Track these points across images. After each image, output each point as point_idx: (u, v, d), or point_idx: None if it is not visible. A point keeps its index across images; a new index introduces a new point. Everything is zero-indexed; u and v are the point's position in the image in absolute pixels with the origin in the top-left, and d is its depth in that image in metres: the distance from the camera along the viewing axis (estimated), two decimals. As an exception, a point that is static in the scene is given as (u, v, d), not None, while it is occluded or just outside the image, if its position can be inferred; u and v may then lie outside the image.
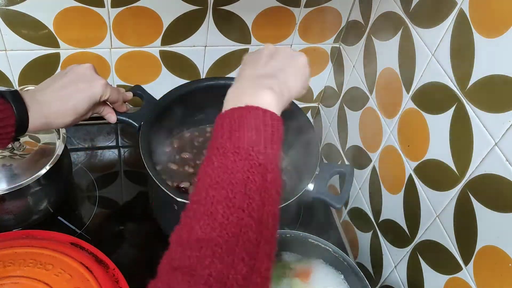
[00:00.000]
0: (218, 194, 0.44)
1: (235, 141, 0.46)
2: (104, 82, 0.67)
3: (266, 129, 0.48)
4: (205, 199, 0.44)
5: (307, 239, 0.73)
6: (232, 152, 0.46)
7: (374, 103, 0.86)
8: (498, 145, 0.56)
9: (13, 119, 0.58)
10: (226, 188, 0.44)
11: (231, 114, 0.49)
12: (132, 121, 0.75)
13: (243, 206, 0.43)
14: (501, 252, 0.56)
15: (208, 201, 0.44)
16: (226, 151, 0.46)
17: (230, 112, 0.49)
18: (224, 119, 0.49)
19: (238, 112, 0.48)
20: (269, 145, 0.47)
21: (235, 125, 0.47)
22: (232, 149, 0.46)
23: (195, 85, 0.84)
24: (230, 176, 0.44)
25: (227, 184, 0.44)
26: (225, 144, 0.46)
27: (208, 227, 0.42)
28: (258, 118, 0.48)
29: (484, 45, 0.58)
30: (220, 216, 0.42)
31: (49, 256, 0.65)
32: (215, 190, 0.44)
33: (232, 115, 0.48)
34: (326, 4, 0.91)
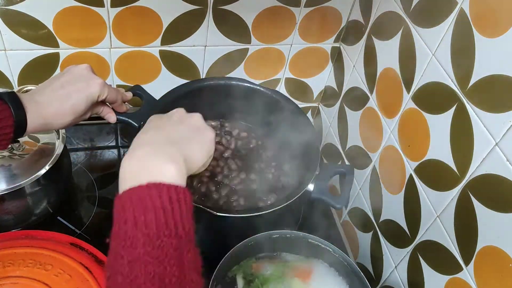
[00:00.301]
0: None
1: (142, 227, 0.42)
2: (101, 82, 0.67)
3: (173, 206, 0.43)
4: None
5: (307, 239, 0.73)
6: (142, 242, 0.41)
7: (374, 103, 0.86)
8: (499, 145, 0.56)
9: (11, 120, 0.58)
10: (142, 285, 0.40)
11: (131, 195, 0.44)
12: (132, 121, 0.75)
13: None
14: (502, 252, 0.56)
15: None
16: (135, 242, 0.41)
17: (130, 194, 0.44)
18: (125, 202, 0.43)
19: (140, 192, 0.43)
20: (180, 223, 0.43)
21: (138, 209, 0.42)
22: (141, 239, 0.41)
23: (195, 85, 0.83)
24: (144, 270, 0.40)
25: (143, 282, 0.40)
26: (132, 233, 0.42)
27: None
28: (162, 196, 0.43)
29: (484, 45, 0.58)
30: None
31: (49, 256, 0.65)
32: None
33: (133, 197, 0.43)
34: (326, 4, 0.91)
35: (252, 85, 0.84)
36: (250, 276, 0.72)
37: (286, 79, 1.04)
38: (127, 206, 0.43)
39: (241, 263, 0.73)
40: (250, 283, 0.71)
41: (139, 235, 0.42)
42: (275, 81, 1.04)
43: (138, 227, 0.42)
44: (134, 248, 0.41)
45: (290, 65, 1.01)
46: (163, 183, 0.44)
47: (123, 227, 0.43)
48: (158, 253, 0.41)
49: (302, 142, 0.80)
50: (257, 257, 0.74)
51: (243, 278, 0.71)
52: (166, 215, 0.43)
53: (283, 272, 0.73)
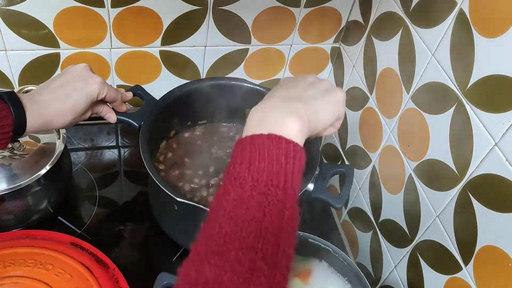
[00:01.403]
0: (231, 231, 0.41)
1: (254, 172, 0.44)
2: (100, 80, 0.67)
3: (288, 161, 0.45)
4: (218, 235, 0.42)
5: (307, 239, 0.73)
6: (250, 185, 0.43)
7: (374, 103, 0.86)
8: (498, 145, 0.56)
9: (11, 119, 0.58)
10: (240, 225, 0.41)
11: (252, 141, 0.46)
12: (132, 121, 0.75)
13: (256, 247, 0.41)
14: (501, 252, 0.56)
15: (221, 237, 0.41)
16: (244, 183, 0.44)
17: (251, 139, 0.46)
18: (245, 146, 0.46)
19: (260, 140, 0.46)
20: (290, 179, 0.45)
21: (255, 154, 0.45)
22: (251, 181, 0.43)
23: (195, 85, 0.83)
24: (245, 211, 0.42)
25: (242, 221, 0.42)
26: (243, 174, 0.44)
27: (218, 268, 0.39)
28: (280, 149, 0.45)
29: (484, 45, 0.58)
30: (232, 258, 0.40)
31: (49, 256, 0.65)
32: (228, 226, 0.42)
33: (253, 143, 0.46)
34: (326, 4, 0.91)
35: (252, 85, 0.84)
36: (250, 276, 0.72)
37: (286, 79, 1.04)
38: (245, 149, 0.45)
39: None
40: (250, 282, 0.71)
41: (249, 178, 0.44)
42: (275, 81, 1.04)
43: (250, 170, 0.44)
44: (242, 188, 0.43)
45: (290, 65, 1.01)
46: (283, 137, 0.46)
47: (237, 167, 0.45)
48: (262, 199, 0.43)
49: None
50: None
51: (243, 277, 0.71)
52: (278, 167, 0.45)
53: (283, 272, 0.73)
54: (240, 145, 0.47)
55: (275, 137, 0.46)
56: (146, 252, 0.82)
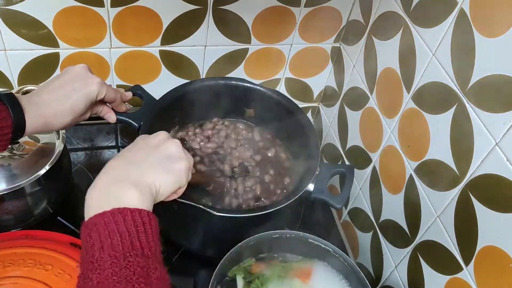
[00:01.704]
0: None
1: (109, 250, 0.43)
2: (99, 80, 0.67)
3: (138, 229, 0.45)
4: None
5: (307, 239, 0.73)
6: (110, 263, 0.42)
7: (374, 103, 0.86)
8: (499, 145, 0.56)
9: (10, 121, 0.58)
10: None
11: (97, 221, 0.45)
12: (132, 121, 0.75)
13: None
14: (502, 252, 0.56)
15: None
16: (102, 263, 0.43)
17: (96, 220, 0.45)
18: (92, 229, 0.45)
19: (105, 218, 0.45)
20: (146, 245, 0.45)
21: (104, 233, 0.44)
22: (109, 259, 0.43)
23: (195, 85, 0.83)
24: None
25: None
26: (99, 256, 0.43)
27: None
28: (127, 220, 0.45)
29: (484, 45, 0.58)
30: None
31: (49, 256, 0.65)
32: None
33: (99, 223, 0.45)
34: (326, 4, 0.91)
35: (252, 85, 0.84)
36: (250, 276, 0.72)
37: (286, 79, 1.04)
38: (93, 231, 0.45)
39: (241, 263, 0.72)
40: (250, 283, 0.71)
41: (106, 257, 0.43)
42: (275, 81, 1.04)
43: (104, 249, 0.43)
44: (102, 270, 0.43)
45: (290, 65, 1.01)
46: (127, 208, 0.46)
47: (90, 251, 0.44)
48: (126, 273, 0.42)
49: (302, 142, 0.80)
50: (257, 257, 0.74)
51: (243, 278, 0.71)
52: (132, 237, 0.44)
53: (283, 272, 0.73)
54: (86, 229, 0.46)
55: (119, 210, 0.46)
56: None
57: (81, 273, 0.44)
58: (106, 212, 0.46)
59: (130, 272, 0.42)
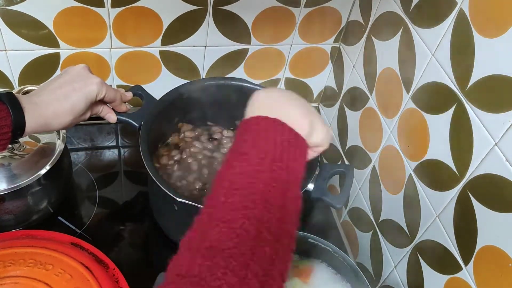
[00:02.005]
0: (238, 201, 0.41)
1: (260, 150, 0.44)
2: (99, 80, 0.67)
3: (290, 147, 0.45)
4: (223, 205, 0.41)
5: (307, 239, 0.73)
6: (256, 162, 0.43)
7: (374, 103, 0.86)
8: (498, 145, 0.56)
9: (9, 120, 0.58)
10: (246, 196, 0.41)
11: (257, 122, 0.46)
12: (132, 121, 0.75)
13: (263, 219, 0.40)
14: (501, 252, 0.56)
15: (226, 207, 0.41)
16: (250, 158, 0.43)
17: (257, 120, 0.46)
18: (250, 126, 0.46)
19: (266, 122, 0.46)
20: (292, 164, 0.45)
21: (261, 135, 0.45)
22: (256, 158, 0.43)
23: (195, 85, 0.83)
24: (251, 184, 0.42)
25: (248, 193, 0.41)
26: (249, 151, 0.44)
27: (224, 235, 0.39)
28: (284, 135, 0.45)
29: (484, 45, 0.58)
30: (238, 226, 0.39)
31: (49, 256, 0.65)
32: (234, 197, 0.41)
33: (258, 123, 0.46)
34: (326, 4, 0.91)
35: (252, 85, 0.84)
36: (250, 276, 0.72)
37: (286, 79, 1.04)
38: (251, 130, 0.45)
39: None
40: (250, 282, 0.71)
41: (254, 155, 0.44)
42: (275, 81, 1.04)
43: (255, 149, 0.44)
44: (247, 164, 0.43)
45: (290, 65, 1.01)
46: (287, 125, 0.46)
47: (242, 144, 0.45)
48: (266, 176, 0.42)
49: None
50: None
51: (243, 278, 0.71)
52: (283, 150, 0.44)
53: (283, 271, 0.73)
54: (245, 124, 0.47)
55: (283, 124, 0.46)
56: (146, 252, 0.83)
57: (227, 159, 0.45)
58: (271, 119, 0.46)
59: (272, 177, 0.43)
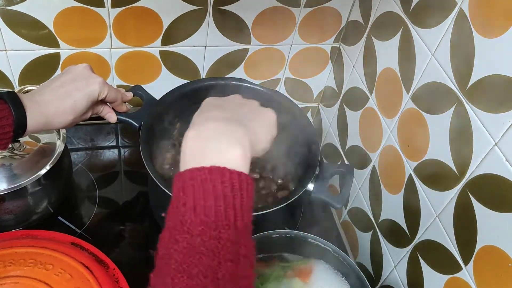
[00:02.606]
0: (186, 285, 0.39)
1: (201, 214, 0.40)
2: (101, 80, 0.67)
3: (235, 194, 0.42)
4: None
5: (307, 239, 0.73)
6: (200, 230, 0.40)
7: (374, 103, 0.86)
8: (498, 145, 0.56)
9: (11, 119, 0.58)
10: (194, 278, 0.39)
11: (193, 176, 0.42)
12: (132, 121, 0.75)
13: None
14: (501, 252, 0.57)
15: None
16: (192, 228, 0.40)
17: (192, 175, 0.42)
18: (185, 183, 0.42)
19: (202, 175, 0.42)
20: (240, 215, 0.42)
21: (199, 192, 0.41)
22: (199, 225, 0.40)
23: (195, 85, 0.84)
24: (198, 261, 0.39)
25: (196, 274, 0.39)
26: (190, 218, 0.41)
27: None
28: (224, 183, 0.41)
29: (484, 45, 0.58)
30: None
31: (49, 256, 0.65)
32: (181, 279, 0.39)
33: (194, 178, 0.42)
34: (326, 4, 0.91)
35: (252, 85, 0.84)
36: (250, 276, 0.72)
37: (286, 79, 1.04)
38: (187, 187, 0.42)
39: (241, 263, 0.73)
40: (250, 282, 0.71)
41: (197, 221, 0.40)
42: (275, 81, 1.04)
43: (196, 212, 0.41)
44: (191, 236, 0.40)
45: (290, 65, 1.01)
46: (226, 169, 0.42)
47: (181, 209, 0.41)
48: (214, 245, 0.40)
49: (302, 142, 0.81)
50: (257, 257, 0.74)
51: (243, 277, 0.71)
52: (226, 203, 0.41)
53: (283, 272, 0.73)
54: (181, 181, 0.43)
55: (218, 170, 0.42)
56: (146, 252, 0.83)
57: (168, 227, 0.42)
58: (205, 168, 0.42)
59: (219, 245, 0.40)
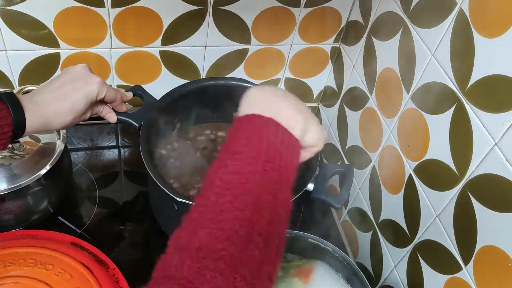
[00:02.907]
0: (229, 202, 0.40)
1: (252, 150, 0.44)
2: (99, 80, 0.67)
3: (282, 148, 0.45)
4: (214, 205, 0.41)
5: (307, 239, 0.73)
6: (248, 161, 0.43)
7: (374, 103, 0.86)
8: (498, 145, 0.56)
9: (10, 119, 0.58)
10: (237, 197, 0.41)
11: (251, 120, 0.46)
12: (132, 121, 0.75)
13: (253, 221, 0.40)
14: (501, 252, 0.57)
15: (217, 207, 0.41)
16: (242, 158, 0.43)
17: (251, 118, 0.46)
18: (243, 124, 0.46)
19: (260, 121, 0.45)
20: (284, 165, 0.45)
21: (255, 134, 0.45)
22: (249, 158, 0.43)
23: (195, 85, 0.84)
24: (243, 185, 0.42)
25: (239, 194, 0.41)
26: (242, 150, 0.44)
27: (213, 236, 0.38)
28: (278, 135, 0.45)
29: (484, 45, 0.58)
30: (229, 227, 0.39)
31: (49, 256, 0.65)
32: (225, 197, 0.41)
33: (252, 122, 0.45)
34: (326, 4, 0.91)
35: (252, 85, 0.84)
36: (250, 276, 0.72)
37: (286, 79, 1.04)
38: (245, 126, 0.45)
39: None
40: (250, 282, 0.71)
41: (246, 154, 0.43)
42: (275, 81, 1.04)
43: (248, 148, 0.44)
44: (240, 162, 0.43)
45: (290, 65, 1.01)
46: (281, 125, 0.46)
47: (235, 143, 0.44)
48: (258, 177, 0.42)
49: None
50: (257, 257, 0.74)
51: (243, 277, 0.71)
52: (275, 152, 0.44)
53: (283, 272, 0.73)
54: (239, 123, 0.46)
55: (277, 124, 0.46)
56: (146, 252, 0.83)
57: (219, 157, 0.45)
58: (264, 117, 0.46)
59: (263, 179, 0.42)
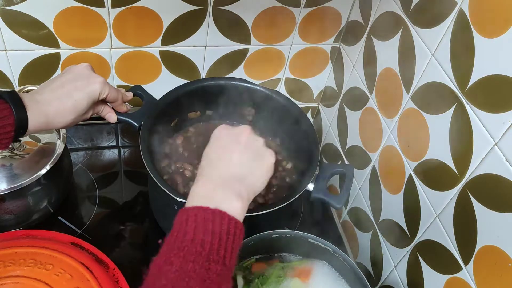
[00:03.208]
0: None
1: (198, 245, 0.46)
2: (102, 80, 0.67)
3: (229, 238, 0.48)
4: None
5: (307, 239, 0.73)
6: (193, 259, 0.45)
7: (374, 103, 0.86)
8: (498, 145, 0.56)
9: (12, 119, 0.58)
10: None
11: (197, 213, 0.49)
12: (132, 121, 0.75)
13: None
14: (501, 252, 0.57)
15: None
16: (188, 255, 0.46)
17: (197, 211, 0.49)
18: (189, 217, 0.48)
19: (205, 214, 0.48)
20: (229, 255, 0.48)
21: (199, 227, 0.47)
22: (194, 254, 0.46)
23: (195, 85, 0.84)
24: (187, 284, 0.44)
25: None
26: (187, 246, 0.46)
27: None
28: (223, 226, 0.48)
29: (484, 45, 0.58)
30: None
31: (49, 256, 0.65)
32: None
33: (198, 215, 0.48)
34: (326, 4, 0.91)
35: (252, 85, 0.84)
36: (250, 276, 0.72)
37: (286, 79, 1.04)
38: (191, 220, 0.48)
39: (241, 263, 0.73)
40: (250, 283, 0.71)
41: (193, 250, 0.46)
42: (275, 81, 1.04)
43: (194, 243, 0.46)
44: (185, 261, 0.45)
45: (290, 65, 1.01)
46: (227, 214, 0.49)
47: (180, 238, 0.47)
48: (203, 273, 0.45)
49: (301, 142, 0.81)
50: (257, 257, 0.74)
51: (243, 278, 0.71)
52: (221, 243, 0.47)
53: (283, 272, 0.73)
54: (185, 215, 0.49)
55: (221, 213, 0.49)
56: (146, 252, 0.83)
57: (163, 252, 0.47)
58: (209, 209, 0.49)
59: (208, 275, 0.45)
